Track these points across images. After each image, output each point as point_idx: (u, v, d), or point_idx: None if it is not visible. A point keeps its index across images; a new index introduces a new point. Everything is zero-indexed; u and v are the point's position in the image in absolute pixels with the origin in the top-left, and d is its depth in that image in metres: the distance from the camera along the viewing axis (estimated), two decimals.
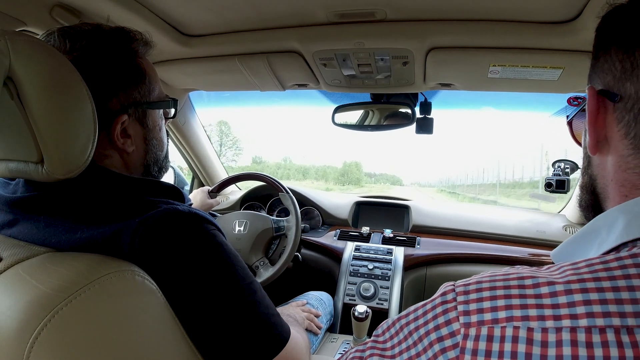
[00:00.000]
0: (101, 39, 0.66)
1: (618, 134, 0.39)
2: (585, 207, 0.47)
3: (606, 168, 0.41)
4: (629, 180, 0.38)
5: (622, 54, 0.38)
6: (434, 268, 1.65)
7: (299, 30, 1.05)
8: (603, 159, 0.41)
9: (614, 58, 0.39)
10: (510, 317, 0.31)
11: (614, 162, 0.40)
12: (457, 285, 0.36)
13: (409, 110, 1.44)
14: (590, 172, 0.45)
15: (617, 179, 0.39)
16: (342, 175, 57.15)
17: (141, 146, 0.71)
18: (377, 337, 0.41)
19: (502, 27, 0.94)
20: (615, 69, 0.39)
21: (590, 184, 0.45)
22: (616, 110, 0.39)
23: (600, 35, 0.43)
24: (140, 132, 0.71)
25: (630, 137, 0.37)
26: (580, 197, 0.48)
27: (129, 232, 0.55)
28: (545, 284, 0.32)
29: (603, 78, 0.41)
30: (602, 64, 0.41)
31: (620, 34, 0.39)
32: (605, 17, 0.43)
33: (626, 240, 0.33)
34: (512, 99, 1.81)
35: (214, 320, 0.58)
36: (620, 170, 0.39)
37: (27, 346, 0.42)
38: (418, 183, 46.68)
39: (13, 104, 0.51)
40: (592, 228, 0.39)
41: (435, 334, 0.34)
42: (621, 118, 0.38)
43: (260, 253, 1.41)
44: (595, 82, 0.42)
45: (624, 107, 0.38)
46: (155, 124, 0.74)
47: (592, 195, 0.45)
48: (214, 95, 2.05)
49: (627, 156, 0.38)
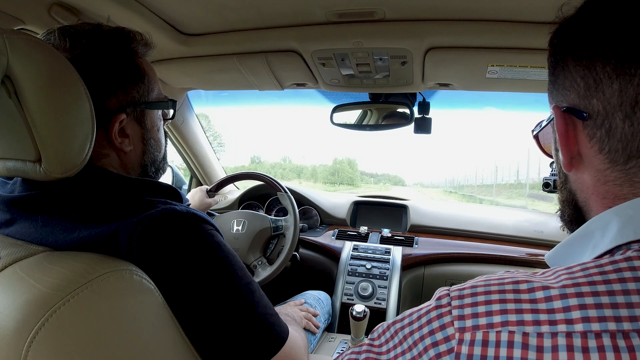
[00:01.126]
0: (101, 38, 0.66)
1: (592, 150, 0.38)
2: (568, 221, 0.47)
3: (585, 182, 0.41)
4: (610, 192, 0.38)
5: (582, 70, 0.38)
6: (431, 267, 1.65)
7: (298, 29, 1.05)
8: (580, 174, 0.41)
9: (574, 74, 0.39)
10: (505, 322, 0.31)
11: (592, 176, 0.39)
12: (452, 290, 0.36)
13: (407, 110, 1.44)
14: (569, 188, 0.44)
15: (597, 192, 0.39)
16: (332, 175, 52.59)
17: (139, 146, 0.71)
18: (372, 340, 0.41)
19: (501, 27, 0.94)
20: (578, 86, 0.38)
21: (571, 198, 0.44)
22: (586, 127, 0.38)
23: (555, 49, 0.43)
24: (139, 132, 0.71)
25: (605, 152, 0.37)
26: (562, 212, 0.48)
27: (126, 232, 0.55)
28: (540, 289, 0.31)
29: (566, 95, 0.40)
30: (563, 81, 0.41)
31: (576, 46, 0.39)
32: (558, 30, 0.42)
33: (620, 243, 0.33)
34: (515, 99, 1.81)
35: (212, 320, 0.58)
36: (599, 183, 0.39)
37: (25, 345, 0.42)
38: (421, 184, 44.08)
39: (11, 102, 0.51)
40: (585, 231, 0.39)
41: (430, 338, 0.34)
42: (592, 134, 0.38)
43: (259, 252, 1.41)
44: (558, 99, 0.42)
45: (594, 124, 0.37)
46: (154, 124, 0.74)
47: (575, 210, 0.44)
48: (213, 95, 2.05)
49: (605, 170, 0.38)
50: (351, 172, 48.96)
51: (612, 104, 0.35)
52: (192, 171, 2.05)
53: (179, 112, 1.70)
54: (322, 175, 51.71)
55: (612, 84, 0.35)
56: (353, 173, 48.89)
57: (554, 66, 0.42)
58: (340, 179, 48.70)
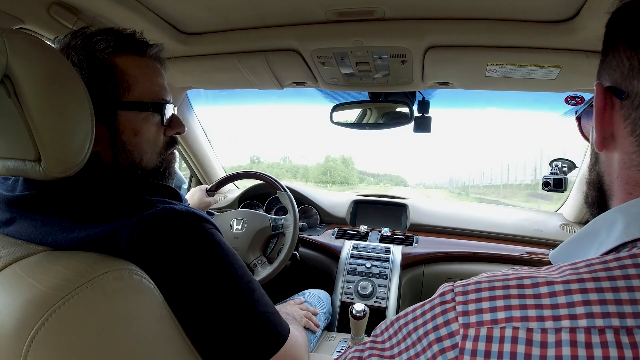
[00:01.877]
0: (77, 39, 0.67)
1: (624, 131, 0.39)
2: (591, 204, 0.47)
3: (612, 165, 0.41)
4: (633, 177, 0.38)
5: (630, 52, 0.38)
6: (431, 266, 1.65)
7: (298, 28, 1.05)
8: (610, 155, 0.41)
9: (622, 55, 0.39)
10: (509, 318, 0.31)
11: (620, 159, 0.40)
12: (456, 285, 0.36)
13: (407, 109, 1.44)
14: (597, 169, 0.45)
15: (622, 176, 0.39)
16: (323, 174, 48.54)
17: (108, 148, 0.67)
18: (375, 337, 0.41)
19: (500, 26, 0.94)
20: (623, 66, 0.39)
21: (598, 180, 0.44)
22: (623, 107, 0.39)
23: (609, 31, 0.43)
24: (104, 134, 0.66)
25: (636, 135, 0.37)
26: (587, 194, 0.48)
27: (126, 231, 0.55)
28: (544, 284, 0.31)
29: (611, 75, 0.41)
30: (610, 61, 0.41)
31: (629, 31, 0.39)
32: (615, 13, 0.42)
33: (626, 241, 0.33)
34: (516, 98, 1.80)
35: (213, 319, 0.58)
36: (625, 167, 0.39)
37: (25, 345, 0.42)
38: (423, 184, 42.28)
39: (10, 102, 0.51)
40: (591, 229, 0.39)
41: (434, 334, 0.34)
42: (628, 115, 0.38)
43: (258, 251, 1.41)
44: (603, 78, 0.42)
45: (631, 104, 0.38)
46: (130, 127, 0.68)
47: (599, 192, 0.44)
48: (212, 94, 2.05)
49: (632, 153, 0.38)
50: (346, 171, 44.52)
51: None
52: (191, 170, 2.05)
53: (179, 111, 1.70)
54: (314, 174, 47.82)
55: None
56: (348, 172, 44.28)
57: (606, 46, 0.43)
58: (333, 179, 44.01)
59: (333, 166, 46.61)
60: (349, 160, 24.23)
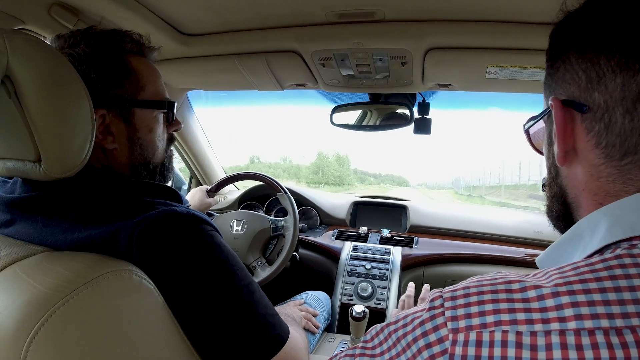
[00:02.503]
0: (89, 38, 0.67)
1: (588, 144, 0.38)
2: (555, 217, 0.47)
3: (576, 178, 0.41)
4: (602, 188, 0.38)
5: (585, 63, 0.38)
6: (431, 268, 1.65)
7: (298, 30, 1.05)
8: (572, 169, 0.41)
9: (576, 67, 0.39)
10: (498, 322, 0.31)
11: (585, 171, 0.39)
12: (444, 291, 0.36)
13: (407, 110, 1.44)
14: (559, 183, 0.44)
15: (589, 188, 0.39)
16: (315, 173, 45.22)
17: (125, 145, 0.70)
18: (366, 342, 0.41)
19: (501, 28, 0.94)
20: (580, 79, 0.38)
21: (561, 194, 0.44)
22: (584, 120, 0.38)
23: (556, 41, 0.43)
24: (124, 131, 0.69)
25: (601, 147, 0.37)
26: (550, 208, 0.47)
27: (126, 233, 0.55)
28: (532, 288, 0.32)
29: (566, 88, 0.40)
30: (563, 74, 0.41)
31: (578, 39, 0.39)
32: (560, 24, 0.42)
33: (609, 242, 0.33)
34: (519, 99, 1.80)
35: (213, 320, 0.58)
36: (592, 179, 0.38)
37: (25, 346, 0.42)
38: (425, 184, 40.37)
39: (11, 102, 0.51)
40: (575, 233, 0.39)
41: (424, 340, 0.34)
42: (591, 128, 0.38)
43: (258, 253, 1.41)
44: (557, 92, 0.42)
45: (593, 117, 0.37)
46: (146, 124, 0.72)
47: (563, 206, 0.44)
48: (212, 95, 2.05)
49: (599, 165, 0.38)
50: (340, 170, 40.68)
51: (613, 98, 0.36)
52: (191, 171, 2.05)
53: (179, 112, 1.70)
54: (305, 173, 44.20)
55: (615, 78, 0.35)
56: (343, 171, 40.39)
57: (554, 59, 0.42)
58: (325, 179, 39.46)
59: (326, 165, 42.53)
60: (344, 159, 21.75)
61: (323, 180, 38.05)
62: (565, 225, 0.42)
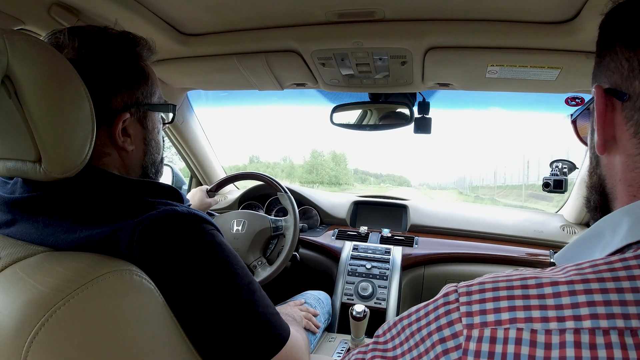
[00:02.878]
0: (108, 40, 0.67)
1: (627, 133, 0.38)
2: (593, 208, 0.46)
3: (614, 168, 0.40)
4: (636, 179, 0.37)
5: (628, 52, 0.38)
6: (431, 267, 1.65)
7: (298, 29, 1.05)
8: (611, 158, 0.41)
9: (620, 56, 0.39)
10: (513, 319, 0.31)
11: (622, 161, 0.39)
12: (460, 286, 0.35)
13: (407, 110, 1.44)
14: (599, 172, 0.44)
15: (625, 179, 0.39)
16: (309, 173, 41.50)
17: (140, 146, 0.72)
18: (377, 337, 0.40)
19: (501, 27, 0.94)
20: (623, 68, 0.38)
21: (599, 184, 0.44)
22: (624, 109, 0.38)
23: (604, 32, 0.42)
24: (140, 133, 0.72)
25: (639, 136, 0.37)
26: (588, 198, 0.47)
27: (127, 232, 0.55)
28: (548, 284, 0.31)
29: (609, 77, 0.40)
30: (608, 63, 0.41)
31: (625, 31, 0.39)
32: (609, 14, 0.42)
33: (631, 242, 0.33)
34: (520, 99, 1.80)
35: (213, 320, 0.58)
36: (628, 169, 0.38)
37: (25, 346, 0.42)
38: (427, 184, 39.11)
39: (11, 102, 0.51)
40: (596, 230, 0.39)
41: (438, 335, 0.34)
42: (630, 117, 0.38)
43: (258, 253, 1.41)
44: (601, 80, 0.42)
45: (633, 105, 0.37)
46: (154, 126, 0.75)
47: (601, 196, 0.44)
48: (212, 95, 2.05)
49: (635, 155, 0.37)
50: (336, 170, 37.26)
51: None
52: (192, 171, 2.05)
53: (179, 112, 1.70)
54: (299, 173, 41.09)
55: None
56: (339, 170, 37.11)
57: (602, 48, 0.42)
58: (320, 178, 39.58)
59: (320, 163, 38.26)
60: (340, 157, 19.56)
61: (317, 180, 34.86)
62: (602, 217, 0.41)
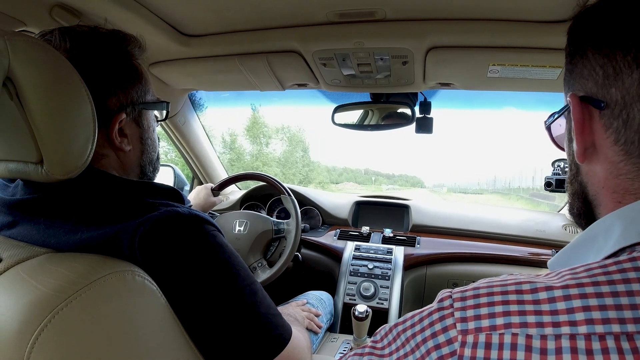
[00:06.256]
0: (99, 40, 0.66)
1: (607, 140, 0.38)
2: (577, 215, 0.46)
3: (596, 175, 0.40)
4: (621, 186, 0.37)
5: (602, 58, 0.37)
6: (434, 267, 1.65)
7: (299, 30, 1.05)
8: (592, 166, 0.41)
9: (593, 63, 0.38)
10: (508, 324, 0.30)
11: (604, 168, 0.39)
12: (454, 292, 0.35)
13: (408, 110, 1.44)
14: (579, 180, 0.44)
15: (608, 186, 0.39)
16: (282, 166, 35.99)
17: (137, 146, 0.72)
18: (375, 342, 0.40)
19: (502, 27, 0.94)
20: (597, 75, 0.38)
21: (581, 191, 0.44)
22: (602, 117, 0.38)
23: (574, 37, 0.42)
24: (137, 132, 0.72)
25: (620, 144, 0.37)
26: (571, 205, 0.47)
27: (128, 234, 0.55)
28: (543, 289, 0.31)
29: (583, 84, 0.40)
30: (581, 69, 0.40)
31: (597, 36, 0.38)
32: (578, 18, 0.42)
33: (624, 246, 0.33)
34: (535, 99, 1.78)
35: (215, 321, 0.58)
36: (611, 176, 0.38)
37: (28, 347, 0.42)
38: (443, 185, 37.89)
39: (12, 104, 0.51)
40: (588, 235, 0.39)
41: (433, 341, 0.33)
42: (609, 124, 0.37)
43: (259, 254, 1.41)
44: (574, 88, 0.41)
45: (611, 113, 0.37)
46: (150, 124, 0.75)
47: (584, 204, 0.44)
48: (213, 95, 2.05)
49: (618, 162, 0.37)
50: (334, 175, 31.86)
51: (631, 94, 0.35)
52: (193, 172, 2.06)
53: (181, 113, 1.70)
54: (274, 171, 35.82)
55: (632, 74, 0.35)
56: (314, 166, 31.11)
57: (572, 55, 0.42)
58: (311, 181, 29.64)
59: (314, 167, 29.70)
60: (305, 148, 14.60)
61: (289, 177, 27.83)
62: (587, 223, 0.41)
